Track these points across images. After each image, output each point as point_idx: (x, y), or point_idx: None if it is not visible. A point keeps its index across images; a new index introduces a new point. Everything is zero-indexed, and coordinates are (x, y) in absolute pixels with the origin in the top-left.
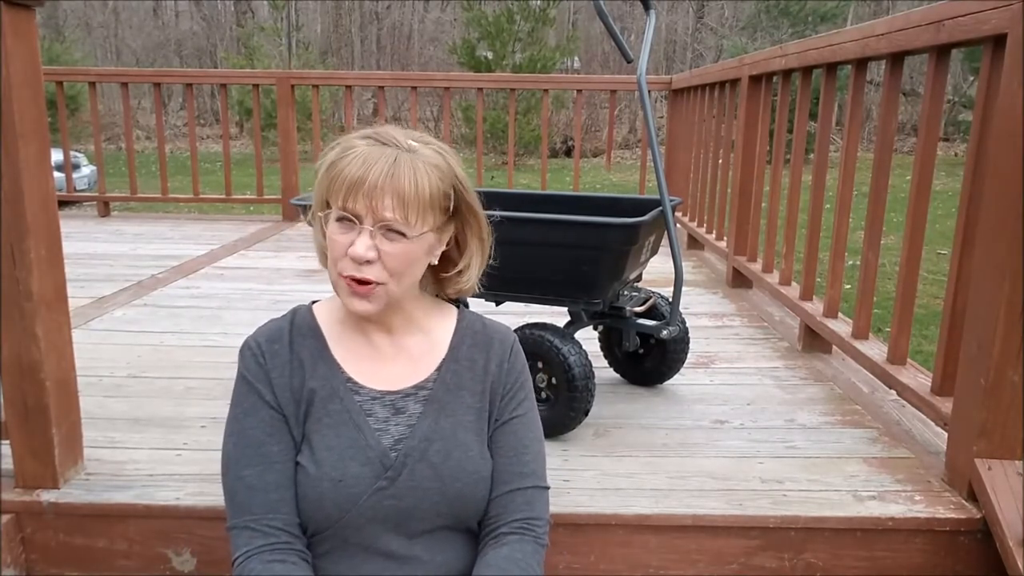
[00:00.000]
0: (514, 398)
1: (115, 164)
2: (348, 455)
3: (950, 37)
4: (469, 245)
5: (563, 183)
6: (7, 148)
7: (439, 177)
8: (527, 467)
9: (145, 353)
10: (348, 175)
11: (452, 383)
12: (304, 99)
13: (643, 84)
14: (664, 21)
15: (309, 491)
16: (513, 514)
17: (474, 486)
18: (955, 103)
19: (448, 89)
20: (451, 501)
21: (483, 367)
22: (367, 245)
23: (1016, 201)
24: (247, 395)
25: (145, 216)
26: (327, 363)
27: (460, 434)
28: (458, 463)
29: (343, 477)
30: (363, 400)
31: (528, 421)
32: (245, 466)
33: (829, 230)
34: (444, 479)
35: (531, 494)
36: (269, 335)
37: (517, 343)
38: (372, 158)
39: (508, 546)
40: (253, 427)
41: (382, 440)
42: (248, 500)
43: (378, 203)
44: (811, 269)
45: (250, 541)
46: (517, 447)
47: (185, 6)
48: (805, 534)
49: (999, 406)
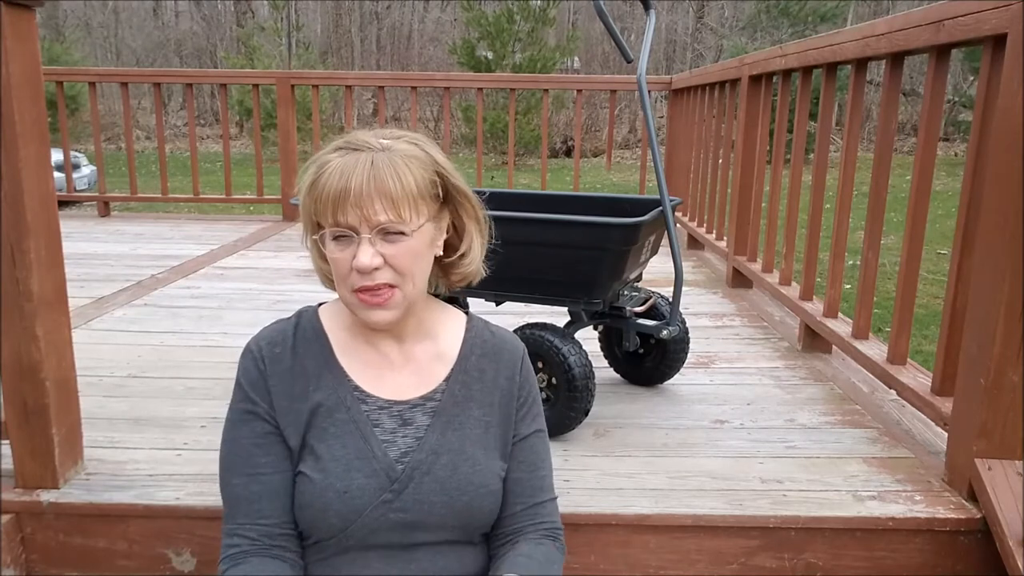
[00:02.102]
0: (529, 412)
1: (115, 164)
2: (354, 466)
3: (950, 37)
4: (467, 227)
5: (563, 183)
6: (7, 148)
7: (420, 167)
8: (545, 481)
9: (145, 353)
10: (330, 190)
11: (461, 395)
12: (304, 99)
13: (643, 84)
14: (664, 21)
15: (314, 500)
16: (539, 525)
17: (481, 499)
18: (955, 103)
19: (448, 89)
20: (458, 514)
21: (492, 379)
22: (370, 253)
23: (1016, 201)
24: (242, 402)
25: (145, 216)
26: (333, 372)
27: (468, 448)
28: (465, 477)
29: (348, 488)
30: (370, 410)
31: (543, 436)
32: (234, 474)
33: (829, 230)
34: (451, 493)
35: (550, 506)
36: (272, 339)
37: (526, 354)
38: (349, 167)
39: (545, 546)
40: (244, 436)
41: (389, 452)
42: (234, 507)
43: (368, 209)
44: (811, 269)
45: (231, 548)
46: (536, 462)
47: (185, 6)
48: (805, 534)
49: (999, 406)
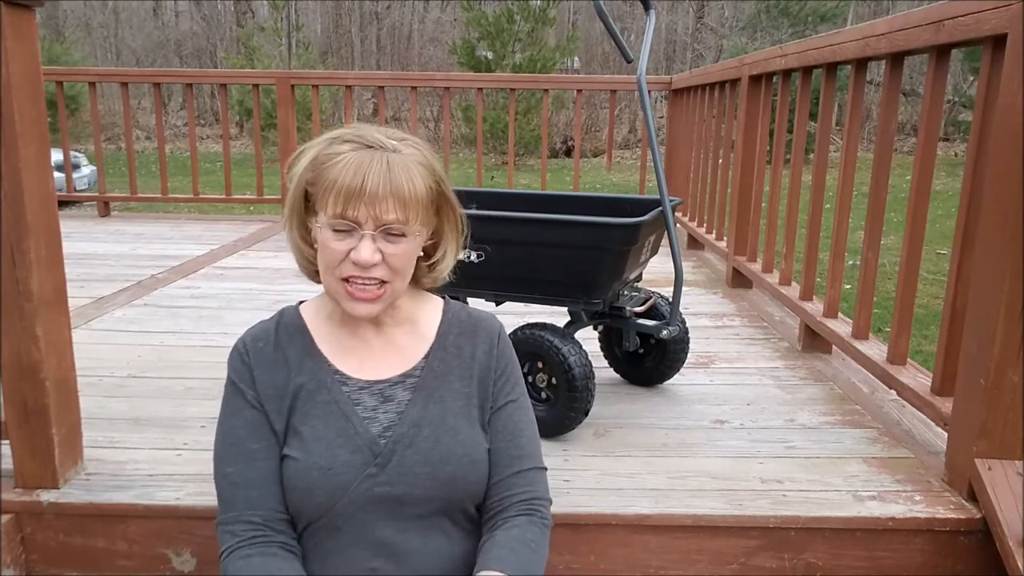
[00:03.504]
0: (507, 383)
1: (115, 164)
2: (337, 443)
3: (950, 37)
4: (445, 235)
5: (563, 183)
6: (7, 148)
7: (428, 175)
8: (524, 449)
9: (145, 353)
10: (344, 183)
11: (440, 370)
12: (304, 99)
13: (643, 84)
14: (664, 21)
15: (299, 481)
16: (517, 496)
17: (465, 469)
18: (955, 103)
19: (448, 89)
20: (443, 485)
21: (470, 354)
22: (371, 249)
23: (1016, 201)
24: (232, 396)
25: (145, 216)
26: (313, 358)
27: (449, 419)
28: (447, 447)
29: (332, 465)
30: (351, 390)
31: (521, 405)
32: (228, 464)
33: (829, 230)
34: (434, 464)
35: (532, 475)
36: (255, 335)
37: (503, 329)
38: (364, 163)
39: (518, 528)
40: (237, 426)
41: (371, 428)
42: (231, 497)
43: (379, 208)
44: (811, 269)
45: (231, 538)
46: (513, 431)
47: (185, 6)
48: (805, 534)
49: (999, 406)
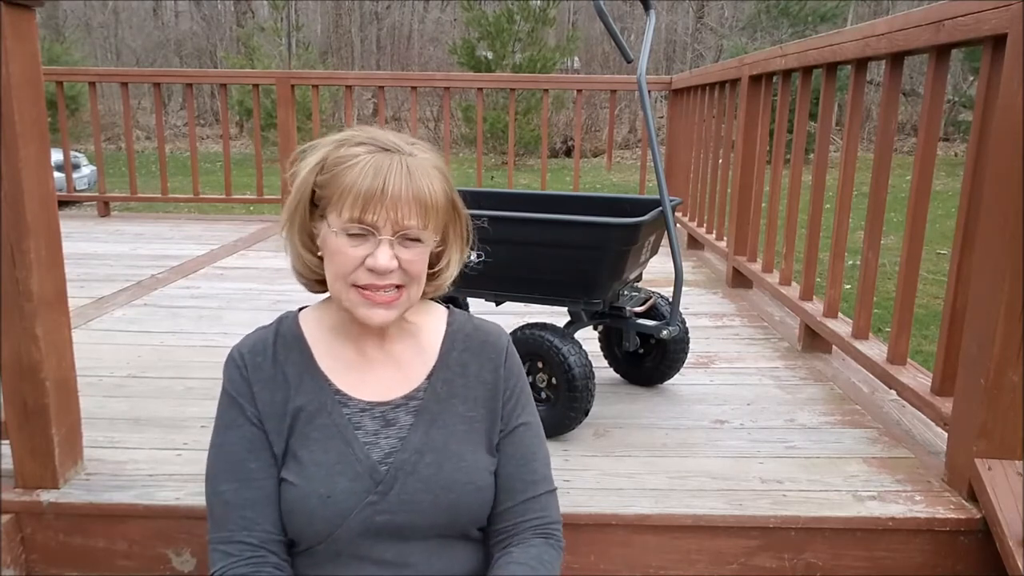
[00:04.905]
0: (516, 404)
1: (115, 164)
2: (336, 470)
3: (950, 37)
4: (451, 243)
5: (563, 183)
6: (7, 148)
7: (443, 180)
8: (537, 474)
9: (145, 353)
10: (363, 186)
11: (443, 392)
12: (304, 99)
13: (643, 84)
14: (664, 21)
15: (297, 507)
16: (531, 521)
17: (469, 496)
18: (955, 103)
19: (448, 89)
20: (445, 511)
21: (476, 374)
22: (389, 255)
23: (1016, 201)
24: (229, 409)
25: (145, 216)
26: (313, 376)
27: (452, 445)
28: (450, 475)
29: (332, 493)
30: (351, 413)
31: (532, 426)
32: (223, 481)
33: (829, 230)
34: (437, 491)
35: (545, 500)
36: (253, 347)
37: (511, 344)
38: (383, 167)
39: (536, 547)
40: (234, 442)
41: (371, 454)
42: (224, 516)
43: (400, 212)
44: (811, 269)
45: (225, 558)
46: (525, 454)
47: (185, 6)
48: (805, 534)
49: (999, 406)
